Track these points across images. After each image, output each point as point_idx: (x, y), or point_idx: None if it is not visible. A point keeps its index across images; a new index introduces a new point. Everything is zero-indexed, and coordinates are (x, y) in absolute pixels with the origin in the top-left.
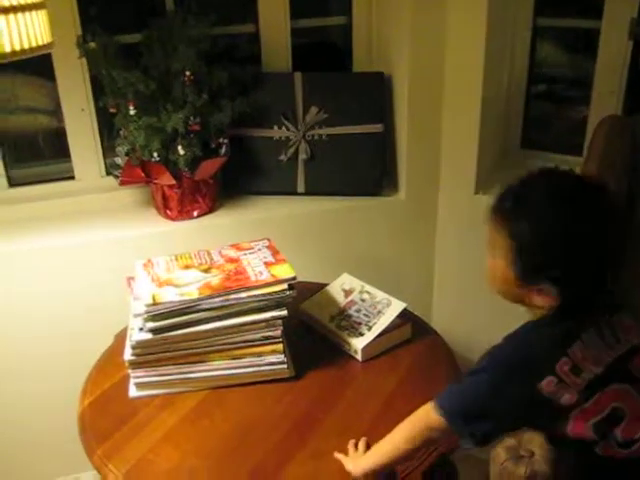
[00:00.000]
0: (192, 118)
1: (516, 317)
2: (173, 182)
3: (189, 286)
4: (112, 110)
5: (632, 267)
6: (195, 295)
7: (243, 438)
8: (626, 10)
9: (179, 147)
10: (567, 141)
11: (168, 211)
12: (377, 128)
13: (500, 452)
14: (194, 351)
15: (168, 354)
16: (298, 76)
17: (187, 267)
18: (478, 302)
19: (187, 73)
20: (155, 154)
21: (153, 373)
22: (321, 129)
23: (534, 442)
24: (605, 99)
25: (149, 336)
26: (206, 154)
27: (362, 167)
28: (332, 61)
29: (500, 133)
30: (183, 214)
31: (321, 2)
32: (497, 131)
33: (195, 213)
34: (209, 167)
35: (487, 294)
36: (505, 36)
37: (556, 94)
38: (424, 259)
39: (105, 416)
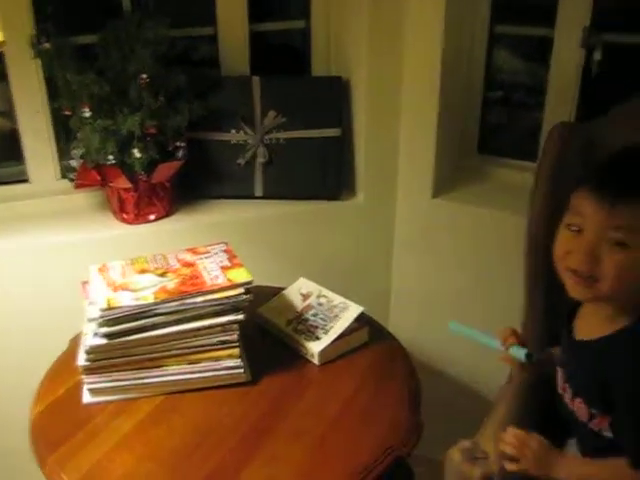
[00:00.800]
0: (148, 121)
1: (473, 318)
2: (129, 185)
3: (145, 290)
4: (67, 112)
5: None
6: (151, 299)
7: (199, 443)
8: (579, 19)
9: (135, 150)
10: (522, 146)
11: (124, 215)
12: (335, 132)
13: (455, 454)
14: (149, 356)
15: (123, 359)
16: (256, 80)
17: (143, 271)
18: (435, 306)
19: (144, 75)
20: (111, 157)
21: (108, 379)
22: (279, 133)
23: (489, 443)
24: (559, 106)
25: (104, 341)
26: (163, 157)
27: (320, 171)
28: (291, 65)
29: (457, 138)
30: (139, 218)
31: (280, 6)
32: (454, 136)
33: (152, 217)
34: (166, 170)
35: (444, 298)
36: (462, 42)
37: (512, 100)
38: (382, 263)
39: (58, 423)
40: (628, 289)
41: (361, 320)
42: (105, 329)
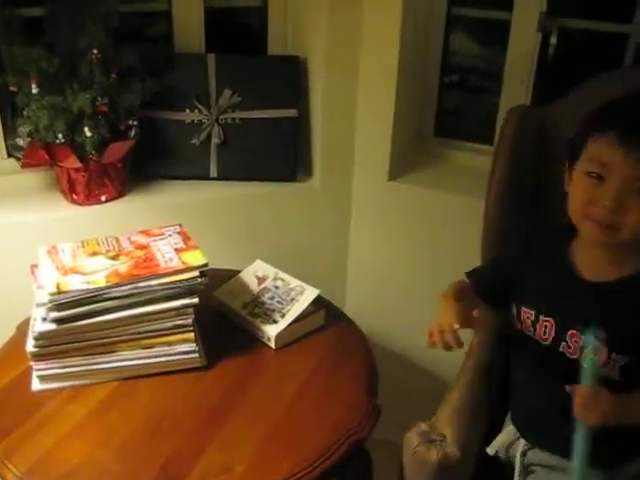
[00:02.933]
0: (100, 98)
1: (428, 302)
2: (79, 165)
3: (96, 274)
4: (13, 88)
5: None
6: (102, 283)
7: (154, 429)
8: (536, 3)
9: (86, 128)
10: (479, 130)
11: (74, 195)
12: (291, 113)
13: (412, 437)
14: (101, 341)
15: (74, 345)
16: (212, 58)
17: (94, 254)
18: (391, 288)
19: (94, 51)
20: (60, 135)
21: (58, 365)
22: (234, 113)
23: (446, 425)
24: (515, 89)
25: (53, 326)
26: (114, 136)
27: (276, 152)
28: (247, 43)
29: (414, 121)
30: (90, 199)
31: None
32: (411, 119)
33: (103, 198)
34: (117, 150)
35: (400, 281)
36: (420, 24)
37: (469, 84)
38: (338, 245)
39: (5, 411)
40: None
41: (318, 303)
42: (55, 314)
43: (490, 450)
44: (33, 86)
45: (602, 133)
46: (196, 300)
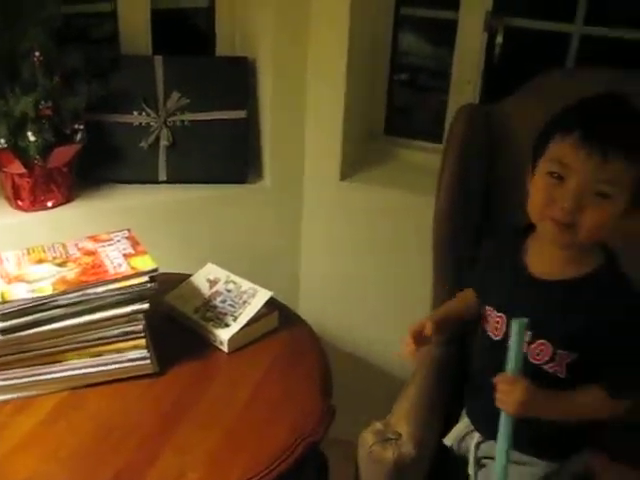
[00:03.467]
0: (43, 102)
1: (382, 302)
2: (23, 170)
3: (42, 282)
4: None
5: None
6: (49, 291)
7: (105, 439)
8: (482, 3)
9: (29, 133)
10: (429, 128)
11: (19, 201)
12: (241, 114)
13: (367, 436)
14: (49, 351)
15: (20, 355)
16: (159, 59)
17: (40, 261)
18: (344, 288)
19: (37, 54)
20: (2, 140)
21: (3, 377)
22: (183, 115)
23: (401, 423)
24: (463, 88)
25: None
26: (60, 141)
27: (226, 154)
28: (195, 45)
29: (364, 120)
30: (36, 205)
31: None
32: (361, 118)
33: (49, 203)
34: (63, 154)
35: (353, 280)
36: (368, 24)
37: (418, 83)
38: (290, 246)
39: None
40: (602, 236)
41: (270, 305)
42: (0, 324)
43: (447, 441)
44: None
45: (565, 134)
46: (146, 306)
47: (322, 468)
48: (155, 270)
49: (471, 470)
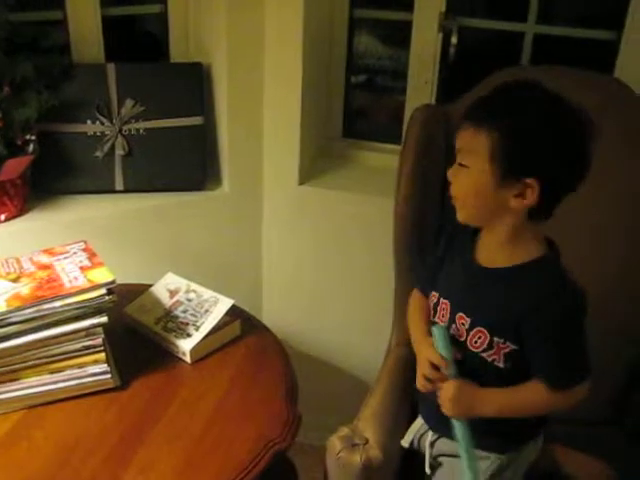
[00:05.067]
0: None
1: (345, 306)
2: None
3: None
4: None
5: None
6: (3, 308)
7: (68, 458)
8: (435, 4)
9: None
10: (387, 129)
11: None
12: (197, 120)
13: (335, 442)
14: (5, 369)
15: None
16: (111, 67)
17: None
18: (306, 291)
19: None
20: None
21: None
22: (138, 123)
23: (368, 427)
24: (420, 89)
25: None
26: (11, 152)
27: (183, 161)
28: (148, 51)
29: (321, 123)
30: None
31: None
32: (318, 121)
33: (2, 217)
34: (15, 166)
35: (316, 285)
36: (323, 27)
37: (375, 84)
38: (251, 252)
39: None
40: (478, 209)
41: (233, 313)
42: None
43: (404, 443)
44: None
45: (459, 126)
46: (105, 319)
47: (290, 474)
48: (113, 282)
49: (427, 469)
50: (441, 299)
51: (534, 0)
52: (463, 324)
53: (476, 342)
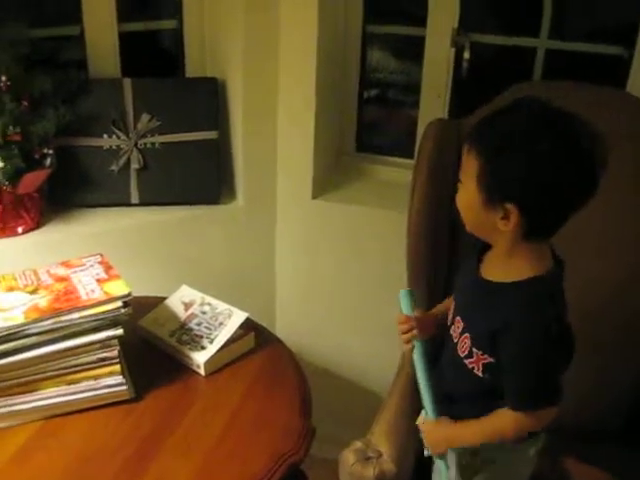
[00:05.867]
0: (11, 127)
1: (359, 318)
2: None
3: (13, 310)
4: None
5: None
6: (21, 320)
7: (83, 469)
8: (448, 20)
9: None
10: (400, 144)
11: None
12: (212, 135)
13: (348, 455)
14: (23, 380)
15: None
16: (128, 82)
17: (11, 289)
18: (320, 305)
19: (3, 78)
20: None
21: None
22: (154, 137)
23: (381, 441)
24: (432, 103)
25: None
26: (29, 166)
27: (198, 175)
28: (164, 66)
29: (335, 138)
30: (6, 231)
31: (150, 5)
32: (332, 136)
33: (19, 229)
34: (33, 180)
35: (328, 296)
36: (337, 42)
37: (387, 98)
38: (265, 266)
39: None
40: (473, 225)
41: (247, 326)
42: None
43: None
44: None
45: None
46: (121, 331)
47: None
48: (129, 295)
49: (426, 452)
50: (452, 304)
51: (546, 16)
52: (458, 327)
53: (462, 347)
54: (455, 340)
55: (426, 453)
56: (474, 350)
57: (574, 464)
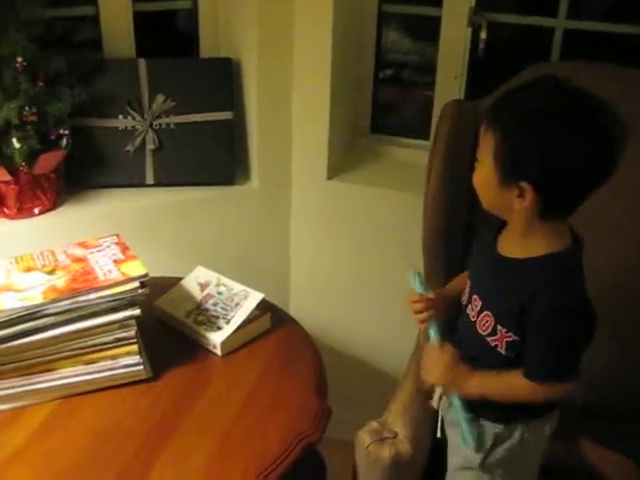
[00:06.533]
0: (27, 108)
1: (373, 299)
2: (9, 178)
3: (32, 290)
4: None
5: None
6: (39, 300)
7: (101, 447)
8: None
9: (14, 140)
10: (415, 125)
11: (5, 209)
12: (227, 115)
13: (364, 436)
14: (41, 360)
15: (11, 365)
16: (142, 62)
17: (29, 270)
18: (334, 286)
19: (19, 59)
20: None
21: None
22: (169, 118)
23: (397, 421)
24: (449, 84)
25: None
26: (45, 147)
27: (212, 156)
28: (179, 47)
29: (350, 119)
30: (22, 212)
31: None
32: (347, 117)
33: (36, 210)
34: (49, 160)
35: (343, 279)
36: (352, 22)
37: (403, 79)
38: (280, 246)
39: None
40: (489, 203)
41: (262, 307)
42: None
43: (433, 403)
44: None
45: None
46: (138, 311)
47: (319, 468)
48: (146, 275)
49: (438, 433)
50: (468, 280)
51: None
52: (476, 306)
53: (484, 325)
54: (473, 319)
55: (438, 434)
56: (498, 327)
57: (591, 447)
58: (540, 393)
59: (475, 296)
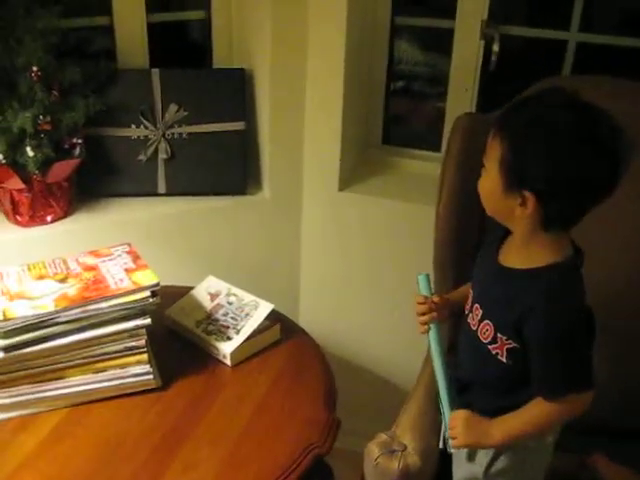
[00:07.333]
0: (42, 117)
1: (383, 312)
2: (22, 186)
3: (43, 298)
4: None
5: None
6: (51, 308)
7: (110, 456)
8: (477, 12)
9: (28, 148)
10: (426, 137)
11: (18, 217)
12: (239, 126)
13: (373, 448)
14: (52, 367)
15: (22, 372)
16: (156, 72)
17: (41, 277)
18: (344, 298)
19: (34, 68)
20: (0, 156)
21: (5, 394)
22: (181, 127)
23: (406, 434)
24: (460, 96)
25: (0, 355)
26: (59, 155)
27: (224, 166)
28: (192, 57)
29: (362, 130)
30: (35, 220)
31: None
32: (359, 128)
33: (49, 218)
34: (62, 169)
35: (353, 291)
36: (364, 35)
37: (414, 91)
38: (290, 257)
39: None
40: (493, 210)
41: (272, 317)
42: (2, 342)
43: (441, 444)
44: None
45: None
46: (148, 321)
47: (328, 479)
48: (157, 285)
49: (441, 444)
50: (470, 289)
51: (577, 8)
52: (477, 315)
53: (484, 334)
54: (474, 328)
55: (441, 445)
56: (498, 335)
57: (604, 462)
58: (563, 412)
59: (476, 305)
